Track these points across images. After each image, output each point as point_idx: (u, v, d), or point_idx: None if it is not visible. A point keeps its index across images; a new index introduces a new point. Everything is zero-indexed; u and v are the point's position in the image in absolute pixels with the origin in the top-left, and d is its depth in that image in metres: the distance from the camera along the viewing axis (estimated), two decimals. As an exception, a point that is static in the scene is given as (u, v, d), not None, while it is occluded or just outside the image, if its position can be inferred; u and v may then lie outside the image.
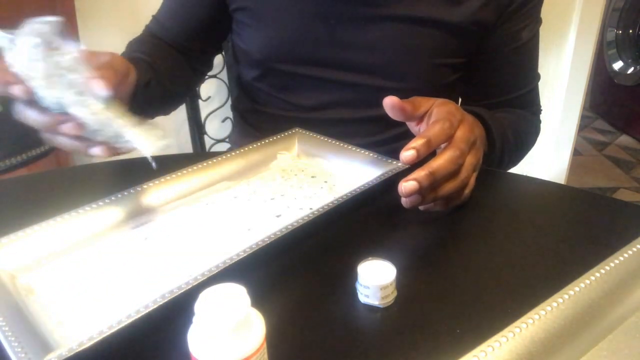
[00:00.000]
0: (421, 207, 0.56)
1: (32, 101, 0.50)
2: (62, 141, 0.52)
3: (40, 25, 0.49)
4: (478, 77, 0.84)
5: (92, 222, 0.55)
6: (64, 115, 0.50)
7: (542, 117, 0.90)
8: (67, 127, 0.51)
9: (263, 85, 0.85)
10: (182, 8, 0.83)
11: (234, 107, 0.98)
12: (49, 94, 0.49)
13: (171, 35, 0.83)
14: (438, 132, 0.54)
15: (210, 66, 0.92)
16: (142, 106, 0.66)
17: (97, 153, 0.52)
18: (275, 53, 0.80)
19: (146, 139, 0.51)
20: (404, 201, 0.54)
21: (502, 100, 0.84)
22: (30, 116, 0.51)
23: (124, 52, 0.78)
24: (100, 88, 0.49)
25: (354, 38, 0.76)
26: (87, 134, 0.51)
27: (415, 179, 0.52)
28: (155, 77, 0.75)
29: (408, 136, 0.60)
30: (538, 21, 0.82)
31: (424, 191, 0.53)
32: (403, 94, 0.59)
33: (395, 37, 0.76)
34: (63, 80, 0.49)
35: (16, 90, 0.49)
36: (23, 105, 0.51)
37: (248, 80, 0.87)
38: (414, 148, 0.52)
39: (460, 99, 0.90)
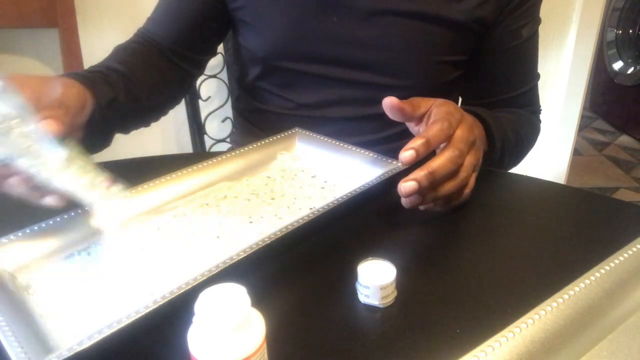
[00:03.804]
0: (421, 207, 0.57)
1: None
2: (12, 191, 0.50)
3: None
4: (478, 75, 0.84)
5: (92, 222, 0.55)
6: (9, 168, 0.48)
7: (542, 117, 0.90)
8: (13, 180, 0.49)
9: (264, 83, 0.85)
10: (179, 7, 0.81)
11: (234, 107, 0.98)
12: None
13: (166, 35, 0.80)
14: (437, 132, 0.54)
15: (202, 69, 0.89)
16: (105, 125, 0.65)
17: (50, 203, 0.50)
18: (276, 51, 0.80)
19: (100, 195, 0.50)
20: (404, 201, 0.54)
21: (502, 98, 0.84)
22: None
23: (106, 57, 0.76)
24: (50, 129, 0.47)
25: (355, 34, 0.76)
26: (39, 182, 0.49)
27: (414, 179, 0.52)
28: (128, 92, 0.71)
29: (410, 134, 0.60)
30: (537, 20, 0.82)
31: (424, 191, 0.53)
32: (404, 92, 0.59)
33: (396, 33, 0.76)
34: (10, 134, 0.47)
35: None
36: None
37: (249, 79, 0.87)
38: (412, 148, 0.52)
39: (460, 99, 0.90)
